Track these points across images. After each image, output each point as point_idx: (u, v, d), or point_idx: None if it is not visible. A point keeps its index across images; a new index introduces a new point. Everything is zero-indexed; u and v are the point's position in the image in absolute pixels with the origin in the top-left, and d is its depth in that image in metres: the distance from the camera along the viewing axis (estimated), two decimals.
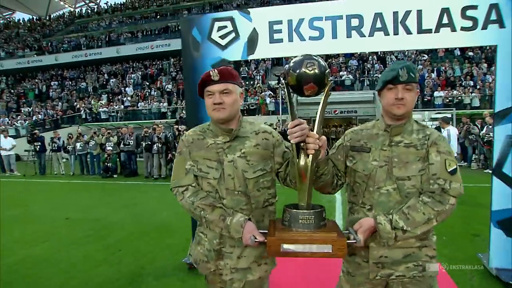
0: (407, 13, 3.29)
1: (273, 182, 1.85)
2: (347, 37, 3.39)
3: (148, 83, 25.51)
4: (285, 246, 1.53)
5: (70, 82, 29.28)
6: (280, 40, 3.54)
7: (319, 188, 1.81)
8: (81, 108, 22.57)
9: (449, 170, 1.65)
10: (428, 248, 1.72)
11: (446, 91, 17.93)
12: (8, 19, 47.25)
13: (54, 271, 3.98)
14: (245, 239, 1.63)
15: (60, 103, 25.37)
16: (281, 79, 1.71)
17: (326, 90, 1.57)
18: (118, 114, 21.44)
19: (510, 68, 3.14)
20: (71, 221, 6.24)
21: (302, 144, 1.56)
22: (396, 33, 3.33)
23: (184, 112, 13.93)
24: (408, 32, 3.30)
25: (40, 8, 45.97)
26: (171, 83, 24.84)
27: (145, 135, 11.51)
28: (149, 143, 11.30)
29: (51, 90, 28.33)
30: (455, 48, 23.19)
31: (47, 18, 43.58)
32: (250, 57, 3.67)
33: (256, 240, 1.59)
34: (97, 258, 4.38)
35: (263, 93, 20.30)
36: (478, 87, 18.11)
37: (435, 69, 20.65)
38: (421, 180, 1.67)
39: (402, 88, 1.66)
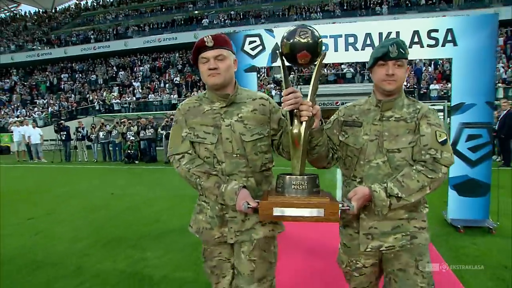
0: (389, 33, 4.55)
1: (270, 147, 1.88)
2: (345, 51, 4.67)
3: (157, 76, 26.76)
4: (277, 209, 1.56)
5: (80, 75, 30.52)
6: None
7: (314, 161, 1.85)
8: (94, 100, 23.83)
9: (439, 141, 1.70)
10: (417, 220, 1.78)
11: (441, 84, 19.15)
12: (14, 12, 48.30)
13: (124, 226, 5.30)
14: (238, 206, 1.67)
15: (72, 95, 26.63)
16: (277, 51, 1.74)
17: (319, 60, 1.61)
18: (131, 106, 22.70)
19: (462, 75, 4.43)
20: (116, 195, 7.57)
21: (295, 111, 1.60)
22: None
23: None
24: None
25: (46, 1, 46.99)
26: (178, 75, 26.07)
27: (166, 124, 12.84)
28: (169, 131, 12.63)
29: (62, 83, 29.58)
30: None
31: (53, 11, 44.64)
32: (274, 64, 4.94)
33: (249, 206, 1.63)
34: (150, 218, 5.69)
35: (268, 86, 21.54)
36: None
37: (432, 62, 21.85)
38: (412, 152, 1.72)
39: (393, 64, 1.71)
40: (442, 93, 18.72)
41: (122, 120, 14.60)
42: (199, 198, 1.88)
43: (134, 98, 23.11)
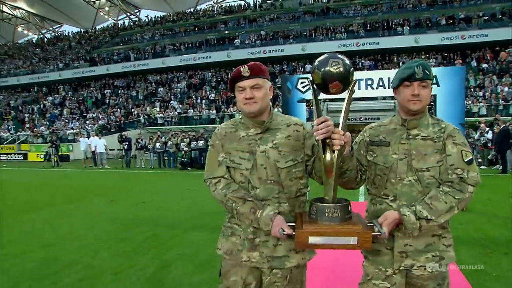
0: (388, 78, 7.02)
1: (304, 172, 1.92)
2: (365, 89, 7.17)
3: (194, 92, 29.75)
4: (312, 238, 1.62)
5: (122, 90, 33.88)
6: None
7: (343, 184, 1.90)
8: (140, 114, 26.93)
9: (465, 160, 1.75)
10: (446, 238, 1.83)
11: None
12: (58, 32, 52.96)
13: (203, 213, 7.80)
14: (273, 232, 1.71)
15: (118, 109, 29.88)
16: (308, 79, 1.85)
17: (350, 88, 1.66)
18: (173, 120, 25.64)
19: (442, 105, 6.83)
20: (191, 190, 10.17)
21: (328, 140, 1.64)
22: (389, 87, 7.08)
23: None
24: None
25: (86, 21, 51.36)
26: (214, 92, 28.95)
27: None
28: None
29: (106, 98, 32.99)
30: (472, 59, 26.49)
31: (93, 31, 48.82)
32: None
33: (284, 233, 1.68)
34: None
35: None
36: (486, 97, 21.35)
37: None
38: (440, 170, 1.77)
39: (418, 85, 1.77)
40: None
41: (176, 132, 17.36)
42: (230, 221, 1.92)
43: (176, 113, 26.03)
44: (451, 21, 29.44)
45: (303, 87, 7.46)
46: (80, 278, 3.95)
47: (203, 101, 27.22)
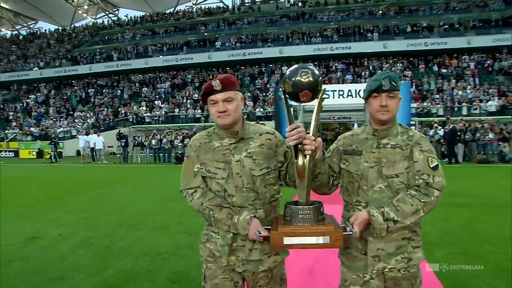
0: (356, 91, 9.55)
1: (277, 179, 2.04)
2: (338, 98, 9.66)
3: (178, 92, 31.76)
4: (287, 239, 1.73)
5: (106, 90, 35.41)
6: None
7: (316, 188, 2.01)
8: (128, 113, 28.76)
9: (431, 166, 1.90)
10: (415, 240, 1.98)
11: (418, 103, 24.27)
12: (34, 29, 53.43)
13: None
14: (251, 235, 1.82)
15: (105, 108, 31.53)
16: (280, 89, 2.01)
17: (320, 96, 1.77)
18: (160, 119, 27.62)
19: None
20: None
21: (299, 145, 1.76)
22: (356, 96, 9.62)
23: None
24: None
25: (63, 18, 52.07)
26: (197, 92, 31.02)
27: None
28: None
29: (91, 97, 34.49)
30: (434, 65, 29.74)
31: (72, 29, 49.71)
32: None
33: (261, 235, 1.78)
34: None
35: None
36: (443, 99, 24.48)
37: (413, 84, 26.93)
38: (408, 177, 1.91)
39: (386, 96, 1.89)
40: (419, 110, 23.77)
41: (170, 130, 19.51)
42: (207, 228, 2.03)
43: (163, 112, 28.02)
44: (415, 28, 32.66)
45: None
46: (153, 227, 6.21)
47: (188, 100, 29.27)
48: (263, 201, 1.96)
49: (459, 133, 15.60)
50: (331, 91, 9.99)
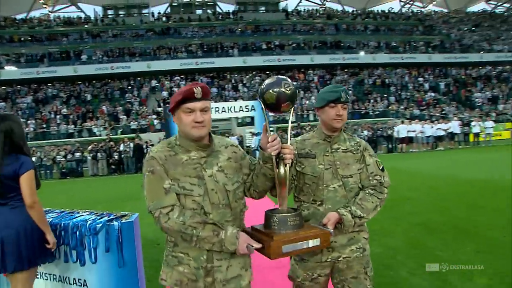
0: (227, 107, 13.00)
1: (243, 192, 2.06)
2: (215, 113, 12.99)
3: (43, 107, 31.20)
4: (285, 247, 1.79)
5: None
6: None
7: (274, 192, 2.05)
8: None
9: (380, 168, 2.26)
10: (364, 232, 2.29)
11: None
12: None
13: None
14: (241, 248, 1.77)
15: None
16: (258, 98, 2.05)
17: (292, 107, 1.90)
18: (28, 135, 27.16)
19: (259, 120, 13.12)
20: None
21: (280, 155, 1.86)
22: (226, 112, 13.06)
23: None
24: None
25: None
26: (65, 107, 31.03)
27: (92, 148, 19.32)
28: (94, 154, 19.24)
29: None
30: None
31: None
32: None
33: (254, 247, 1.78)
34: None
35: (150, 116, 28.45)
36: (295, 108, 29.69)
37: None
38: (360, 177, 2.25)
39: (341, 107, 2.18)
40: (276, 117, 28.59)
41: (51, 147, 20.36)
42: (174, 250, 1.88)
43: (32, 129, 27.51)
44: (269, 46, 38.26)
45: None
46: None
47: (58, 116, 29.23)
48: (235, 216, 1.94)
49: None
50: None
